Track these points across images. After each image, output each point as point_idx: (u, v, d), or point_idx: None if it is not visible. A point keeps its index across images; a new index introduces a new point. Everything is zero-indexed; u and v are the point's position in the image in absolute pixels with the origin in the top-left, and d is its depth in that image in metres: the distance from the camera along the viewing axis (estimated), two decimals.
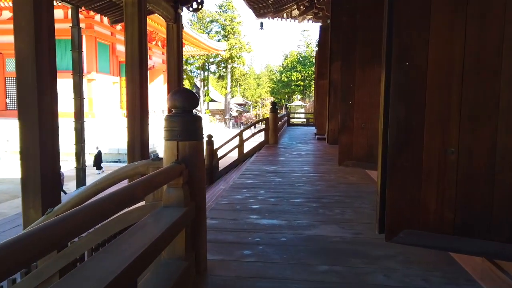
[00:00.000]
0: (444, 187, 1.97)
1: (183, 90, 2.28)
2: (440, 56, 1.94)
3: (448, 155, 1.94)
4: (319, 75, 10.34)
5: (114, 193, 1.46)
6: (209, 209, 3.68)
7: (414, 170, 2.01)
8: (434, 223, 2.00)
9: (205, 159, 9.42)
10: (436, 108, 1.96)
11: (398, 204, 2.05)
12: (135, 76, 7.20)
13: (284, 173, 5.61)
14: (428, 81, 1.98)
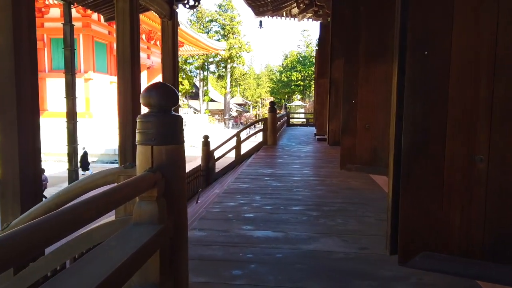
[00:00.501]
0: (470, 201, 1.62)
1: (159, 85, 1.93)
2: (466, 43, 1.60)
3: (476, 163, 1.60)
4: (319, 74, 9.99)
5: (51, 217, 1.11)
6: (199, 219, 3.33)
7: (433, 181, 1.67)
8: (458, 245, 1.65)
9: (201, 161, 9.12)
10: (461, 106, 1.62)
11: (414, 221, 1.71)
12: (126, 74, 6.85)
13: (282, 176, 5.26)
14: (451, 73, 1.63)
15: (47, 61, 19.27)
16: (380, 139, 4.00)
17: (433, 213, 1.67)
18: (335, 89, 6.83)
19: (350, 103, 4.21)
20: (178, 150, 1.95)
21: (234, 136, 9.14)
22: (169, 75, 8.85)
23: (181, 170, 1.96)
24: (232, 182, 4.86)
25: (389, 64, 4.14)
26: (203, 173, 8.97)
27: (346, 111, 4.24)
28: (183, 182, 1.99)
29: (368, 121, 4.09)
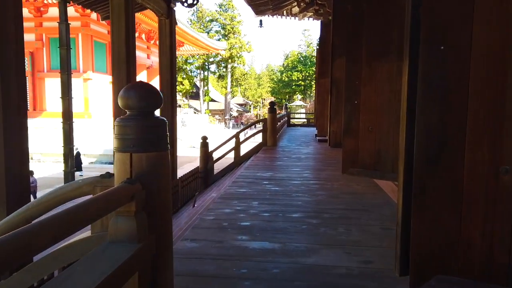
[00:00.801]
0: (494, 219, 1.40)
1: (139, 85, 1.71)
2: (489, 35, 1.38)
3: (500, 175, 1.38)
4: (320, 74, 9.77)
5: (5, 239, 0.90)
6: (191, 227, 3.12)
7: (451, 195, 1.45)
8: (480, 268, 1.43)
9: (200, 162, 8.90)
10: (483, 109, 1.40)
11: (429, 240, 1.49)
12: (122, 73, 6.65)
13: (281, 180, 5.04)
14: (472, 71, 1.41)
15: (46, 61, 19.07)
16: (384, 141, 3.78)
17: (450, 231, 1.45)
18: (336, 89, 6.61)
19: (352, 103, 3.98)
20: (162, 158, 1.73)
21: (233, 137, 8.92)
22: (166, 75, 8.64)
23: (164, 180, 1.75)
24: (229, 186, 4.64)
25: (393, 64, 3.92)
26: (201, 175, 8.76)
27: (348, 112, 4.02)
28: (167, 194, 1.78)
29: (371, 123, 3.86)
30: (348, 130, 4.03)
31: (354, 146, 3.97)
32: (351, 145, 3.98)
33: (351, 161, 4.00)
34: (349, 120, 4.02)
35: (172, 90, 8.67)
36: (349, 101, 4.03)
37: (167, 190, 1.78)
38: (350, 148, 3.99)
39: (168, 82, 8.62)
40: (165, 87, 8.64)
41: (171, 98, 8.68)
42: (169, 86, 8.62)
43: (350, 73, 4.05)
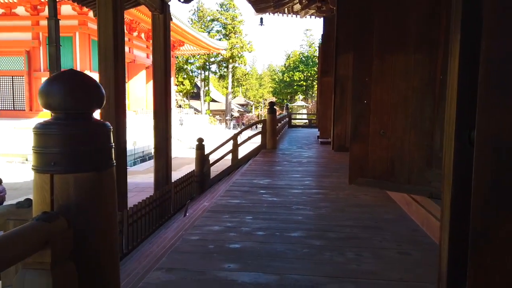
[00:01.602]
0: None
1: (66, 76, 1.18)
2: None
3: None
4: (322, 72, 9.22)
5: None
6: (170, 251, 2.58)
7: None
8: None
9: (195, 166, 8.37)
10: None
11: None
12: (109, 71, 6.13)
13: (280, 189, 4.50)
14: None
15: (43, 60, 18.60)
16: (398, 148, 3.24)
17: None
18: (340, 88, 6.06)
19: (361, 103, 3.44)
20: (101, 180, 1.20)
21: (231, 139, 8.40)
22: (160, 73, 8.11)
23: (105, 212, 1.22)
24: (221, 196, 4.10)
25: (410, 56, 3.38)
26: (197, 179, 8.23)
27: (357, 113, 3.48)
28: (111, 232, 1.25)
29: (384, 126, 3.32)
30: (356, 134, 3.48)
31: (363, 153, 3.42)
32: (360, 152, 3.44)
33: (359, 170, 3.46)
34: (357, 122, 3.48)
35: (166, 90, 8.15)
36: (357, 101, 3.49)
37: (111, 227, 1.24)
38: (359, 155, 3.45)
39: (162, 80, 8.10)
40: (158, 86, 8.12)
41: (165, 99, 8.16)
42: (163, 85, 8.10)
43: (358, 68, 3.50)
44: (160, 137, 8.21)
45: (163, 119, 8.19)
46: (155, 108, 8.25)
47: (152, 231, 6.05)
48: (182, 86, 34.00)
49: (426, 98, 3.12)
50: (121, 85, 6.32)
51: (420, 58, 3.13)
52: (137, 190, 9.34)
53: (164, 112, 8.20)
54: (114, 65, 6.11)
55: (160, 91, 8.11)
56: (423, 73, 3.13)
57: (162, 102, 8.13)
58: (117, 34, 6.13)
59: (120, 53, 6.26)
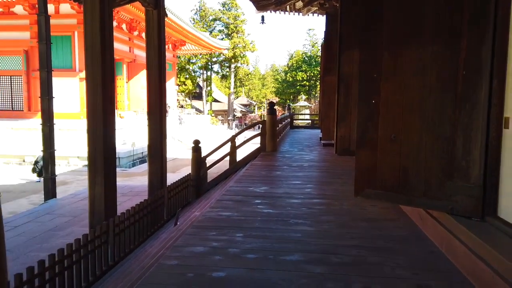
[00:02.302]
0: None
1: None
2: None
3: None
4: (325, 70, 8.74)
5: None
6: (139, 284, 2.13)
7: None
8: None
9: (191, 169, 7.94)
10: None
11: None
12: (96, 70, 5.69)
13: (277, 198, 4.04)
14: None
15: None
16: (413, 155, 2.78)
17: None
18: (345, 87, 5.59)
19: (369, 104, 2.98)
20: None
21: (228, 141, 7.94)
22: (154, 72, 7.66)
23: None
24: (211, 208, 3.65)
25: (426, 49, 2.89)
26: (193, 183, 7.79)
27: (364, 115, 3.01)
28: None
29: (395, 130, 2.86)
30: (363, 139, 3.02)
31: (372, 161, 2.96)
32: (368, 159, 2.98)
33: (367, 180, 2.99)
34: (365, 125, 3.01)
35: (160, 89, 7.71)
36: (364, 101, 3.03)
37: None
38: (366, 163, 2.98)
39: (156, 80, 7.65)
40: (152, 85, 7.67)
41: (159, 98, 7.72)
42: (157, 84, 7.65)
43: (366, 64, 3.04)
44: (154, 139, 7.77)
45: (158, 120, 7.76)
46: (149, 108, 7.81)
47: (143, 240, 5.61)
48: (184, 86, 33.60)
49: (445, 97, 2.65)
50: (109, 86, 5.88)
51: (439, 51, 2.66)
52: (132, 194, 8.91)
53: (159, 112, 7.77)
54: (102, 65, 5.67)
55: (154, 90, 7.67)
56: (442, 69, 2.66)
57: (156, 101, 7.69)
58: (104, 32, 5.70)
59: (108, 52, 5.82)
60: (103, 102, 5.73)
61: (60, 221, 6.80)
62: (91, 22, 5.65)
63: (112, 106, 6.03)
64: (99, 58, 5.65)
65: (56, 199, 8.39)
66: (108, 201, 5.95)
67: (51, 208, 7.61)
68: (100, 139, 5.75)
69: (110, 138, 5.92)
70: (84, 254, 4.04)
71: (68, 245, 3.76)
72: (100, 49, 5.66)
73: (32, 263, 3.18)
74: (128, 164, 15.90)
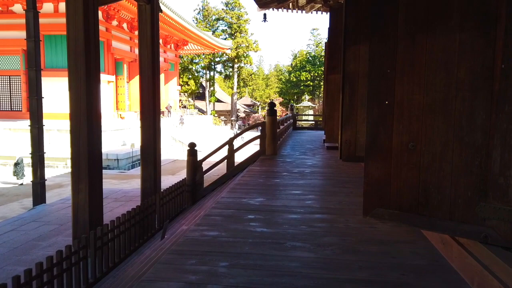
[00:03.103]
0: None
1: None
2: None
3: None
4: (329, 68, 8.20)
5: None
6: None
7: None
8: None
9: (187, 174, 7.43)
10: None
11: None
12: (80, 69, 5.20)
13: (274, 212, 3.51)
14: None
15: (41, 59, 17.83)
16: (436, 168, 2.24)
17: None
18: (350, 86, 5.05)
19: (381, 105, 2.45)
20: None
21: (226, 144, 7.43)
22: (147, 71, 7.16)
23: None
24: (196, 225, 3.13)
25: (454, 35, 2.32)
26: (188, 188, 7.28)
27: (375, 118, 2.48)
28: None
29: (414, 137, 2.32)
30: (373, 148, 2.49)
31: (384, 174, 2.43)
32: (380, 172, 2.44)
33: (378, 197, 2.46)
34: (376, 131, 2.48)
35: (154, 88, 7.22)
36: (375, 102, 2.50)
37: None
38: (378, 177, 2.45)
39: (150, 79, 7.15)
40: (145, 84, 7.18)
41: (152, 98, 7.22)
42: (151, 83, 7.16)
43: (377, 58, 2.50)
44: (147, 142, 7.28)
45: (151, 121, 7.26)
46: (142, 109, 7.32)
47: (130, 252, 5.12)
48: (187, 86, 33.14)
49: (477, 97, 2.12)
50: (94, 86, 5.39)
51: (468, 39, 2.13)
52: (126, 199, 8.42)
53: (152, 113, 7.28)
54: (86, 62, 5.18)
55: (147, 89, 7.18)
56: (473, 61, 2.13)
57: (149, 102, 7.20)
58: (88, 25, 5.21)
59: (94, 46, 5.33)
60: (87, 101, 5.25)
61: (45, 230, 6.33)
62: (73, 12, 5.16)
63: (97, 109, 5.55)
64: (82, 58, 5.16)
65: (45, 204, 7.92)
66: (93, 209, 5.46)
67: (38, 215, 7.15)
68: (84, 142, 5.26)
69: (95, 140, 5.43)
70: (58, 273, 3.56)
71: (38, 264, 3.28)
72: (84, 45, 5.17)
73: (6, 279, 2.73)
74: (127, 166, 15.45)
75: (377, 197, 2.46)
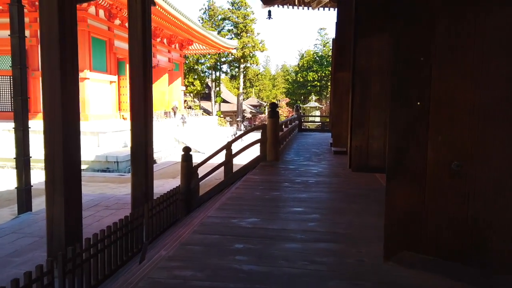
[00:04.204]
0: None
1: None
2: None
3: None
4: (336, 66, 7.47)
5: None
6: None
7: None
8: None
9: (181, 180, 6.75)
10: None
11: None
12: (53, 64, 4.57)
13: (268, 240, 2.81)
14: None
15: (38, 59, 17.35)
16: (494, 198, 1.53)
17: None
18: (361, 85, 4.33)
19: (410, 107, 1.74)
20: None
21: (223, 148, 6.76)
22: (138, 68, 6.50)
23: None
24: (167, 259, 2.45)
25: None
26: (182, 197, 6.61)
27: (401, 126, 1.77)
28: None
29: (460, 153, 1.61)
30: (399, 168, 1.77)
31: (415, 205, 1.71)
32: (407, 200, 1.73)
33: (406, 236, 1.75)
34: (402, 143, 1.77)
35: (145, 88, 6.56)
36: (400, 102, 1.78)
37: None
38: (406, 209, 1.73)
39: (140, 78, 6.49)
40: (136, 84, 6.53)
41: (143, 99, 6.57)
42: (142, 83, 6.50)
43: (404, 42, 1.79)
44: (137, 147, 6.63)
45: (142, 124, 6.61)
46: (132, 110, 6.67)
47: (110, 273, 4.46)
48: (193, 86, 32.57)
49: None
50: (71, 85, 4.77)
51: None
52: (117, 207, 7.78)
53: (143, 115, 6.63)
54: (60, 56, 4.55)
55: (138, 90, 6.53)
56: None
57: (140, 103, 6.55)
58: (63, 14, 4.57)
59: (70, 46, 4.69)
60: (63, 101, 4.62)
61: (24, 243, 5.71)
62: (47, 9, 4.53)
63: (75, 106, 4.92)
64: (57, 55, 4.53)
65: (30, 213, 7.32)
66: (70, 224, 4.81)
67: (21, 225, 6.55)
68: (59, 147, 4.62)
69: (72, 145, 4.80)
70: None
71: None
72: (59, 40, 4.53)
73: None
74: (127, 169, 14.85)
75: (403, 237, 1.74)
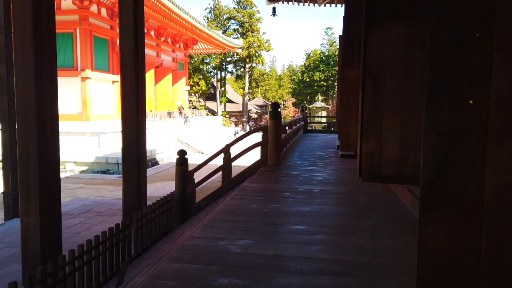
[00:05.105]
0: None
1: None
2: None
3: None
4: (344, 64, 6.88)
5: None
6: None
7: None
8: None
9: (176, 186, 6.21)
10: None
11: None
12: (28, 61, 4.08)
13: (260, 272, 2.25)
14: None
15: None
16: None
17: None
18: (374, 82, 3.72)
19: (458, 107, 1.18)
20: None
21: (221, 152, 6.22)
22: (129, 64, 5.96)
23: None
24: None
25: None
26: (177, 204, 6.07)
27: (444, 134, 1.21)
28: None
29: None
30: (439, 195, 1.21)
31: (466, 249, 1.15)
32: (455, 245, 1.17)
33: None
34: (445, 160, 1.20)
35: (137, 88, 6.05)
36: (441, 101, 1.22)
37: None
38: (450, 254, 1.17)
39: (132, 75, 5.97)
40: (127, 83, 6.01)
41: (135, 99, 6.04)
42: (133, 82, 5.98)
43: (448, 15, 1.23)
44: (129, 151, 6.11)
45: (134, 125, 6.10)
46: (123, 111, 6.17)
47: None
48: (198, 86, 32.12)
49: None
50: (48, 84, 4.26)
51: None
52: (110, 213, 7.28)
53: (135, 116, 6.12)
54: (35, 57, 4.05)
55: (129, 89, 6.02)
56: None
57: (131, 103, 6.05)
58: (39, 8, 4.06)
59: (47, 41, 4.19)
60: (38, 101, 4.12)
61: (3, 254, 5.24)
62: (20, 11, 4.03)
63: (53, 106, 4.41)
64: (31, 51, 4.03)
65: (17, 219, 6.86)
66: (47, 237, 4.30)
67: (4, 233, 6.08)
68: (33, 151, 4.12)
69: (50, 149, 4.29)
70: None
71: None
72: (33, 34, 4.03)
73: None
74: None
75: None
